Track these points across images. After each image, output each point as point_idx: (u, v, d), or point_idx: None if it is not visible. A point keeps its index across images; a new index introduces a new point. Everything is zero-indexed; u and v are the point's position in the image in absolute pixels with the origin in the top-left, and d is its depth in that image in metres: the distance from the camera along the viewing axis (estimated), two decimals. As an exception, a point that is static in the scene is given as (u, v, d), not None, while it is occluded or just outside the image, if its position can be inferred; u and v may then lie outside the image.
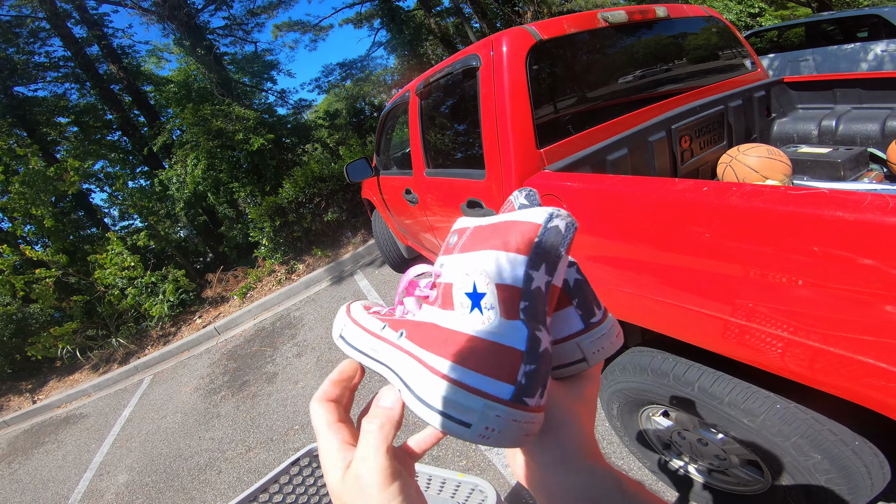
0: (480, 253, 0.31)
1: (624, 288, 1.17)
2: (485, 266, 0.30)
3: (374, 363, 0.38)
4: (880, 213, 0.69)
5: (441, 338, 0.31)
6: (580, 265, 0.39)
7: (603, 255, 1.19)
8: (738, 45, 2.33)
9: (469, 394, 0.28)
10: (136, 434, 3.80)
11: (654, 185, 1.02)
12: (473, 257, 0.31)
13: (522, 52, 1.57)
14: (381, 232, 4.07)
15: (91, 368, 5.88)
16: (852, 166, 1.93)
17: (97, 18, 9.24)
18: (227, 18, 11.38)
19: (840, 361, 0.79)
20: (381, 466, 0.30)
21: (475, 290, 0.30)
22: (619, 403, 1.51)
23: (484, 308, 0.30)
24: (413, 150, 2.38)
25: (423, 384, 0.30)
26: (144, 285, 6.14)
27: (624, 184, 1.10)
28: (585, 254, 1.24)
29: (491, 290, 0.29)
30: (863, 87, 2.12)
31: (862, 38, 5.14)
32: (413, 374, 0.32)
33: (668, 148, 1.78)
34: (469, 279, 0.31)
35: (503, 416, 0.28)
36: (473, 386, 0.28)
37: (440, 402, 0.29)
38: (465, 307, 0.31)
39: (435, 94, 2.18)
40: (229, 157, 6.68)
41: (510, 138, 1.49)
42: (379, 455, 0.30)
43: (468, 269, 0.31)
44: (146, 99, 9.85)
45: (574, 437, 0.34)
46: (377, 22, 14.29)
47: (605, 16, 1.82)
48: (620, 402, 1.50)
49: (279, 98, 12.31)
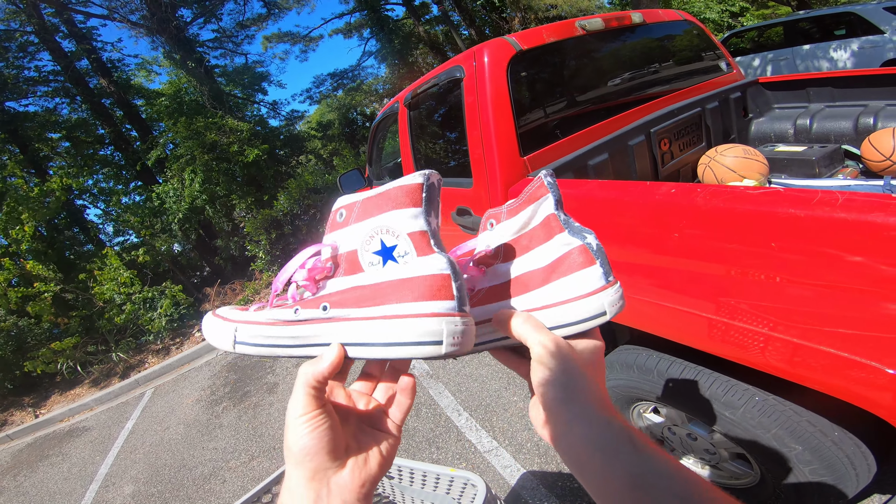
0: (379, 217, 0.37)
1: None
2: (389, 224, 0.36)
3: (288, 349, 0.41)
4: (829, 209, 0.74)
5: (371, 293, 0.37)
6: None
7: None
8: (712, 47, 2.41)
9: (427, 319, 0.34)
10: (140, 446, 3.82)
11: (628, 189, 1.07)
12: (373, 222, 0.37)
13: (503, 63, 1.63)
14: (375, 240, 4.10)
15: (92, 383, 5.89)
16: (827, 163, 2.00)
17: (86, 32, 9.25)
18: (216, 31, 11.44)
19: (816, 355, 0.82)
20: (299, 400, 0.35)
21: (384, 246, 0.37)
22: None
23: (398, 256, 0.36)
24: (403, 159, 2.43)
25: (379, 333, 0.35)
26: (142, 300, 6.16)
27: (601, 188, 1.16)
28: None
29: (403, 239, 0.36)
30: (834, 86, 2.20)
31: (840, 36, 5.25)
32: (363, 332, 0.36)
33: (647, 151, 1.85)
34: (375, 239, 0.37)
35: (459, 324, 0.34)
36: (427, 312, 0.34)
37: (406, 337, 0.34)
38: (377, 264, 0.37)
39: (422, 104, 2.24)
40: (225, 169, 6.72)
41: (494, 147, 1.55)
42: (299, 391, 0.36)
43: (372, 232, 0.37)
44: (138, 113, 9.84)
45: (590, 394, 0.37)
46: (367, 32, 14.41)
47: (582, 24, 1.89)
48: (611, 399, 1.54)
49: (271, 109, 12.37)
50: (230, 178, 6.79)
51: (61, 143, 10.00)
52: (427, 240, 0.36)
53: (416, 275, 0.35)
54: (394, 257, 0.36)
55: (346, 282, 0.38)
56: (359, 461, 0.37)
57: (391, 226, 0.36)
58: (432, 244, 0.36)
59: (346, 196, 0.41)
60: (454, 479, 1.02)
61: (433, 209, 0.37)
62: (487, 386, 2.64)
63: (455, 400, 2.64)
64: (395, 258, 0.36)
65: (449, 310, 0.34)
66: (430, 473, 1.04)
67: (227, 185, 6.70)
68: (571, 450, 0.36)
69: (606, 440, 0.34)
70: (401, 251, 0.36)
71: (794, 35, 5.85)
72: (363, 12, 13.82)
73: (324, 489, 0.35)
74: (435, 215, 0.38)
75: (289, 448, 0.35)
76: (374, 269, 0.37)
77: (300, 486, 0.35)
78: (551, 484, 1.92)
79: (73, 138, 9.83)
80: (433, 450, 2.34)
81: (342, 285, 0.39)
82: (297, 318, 0.40)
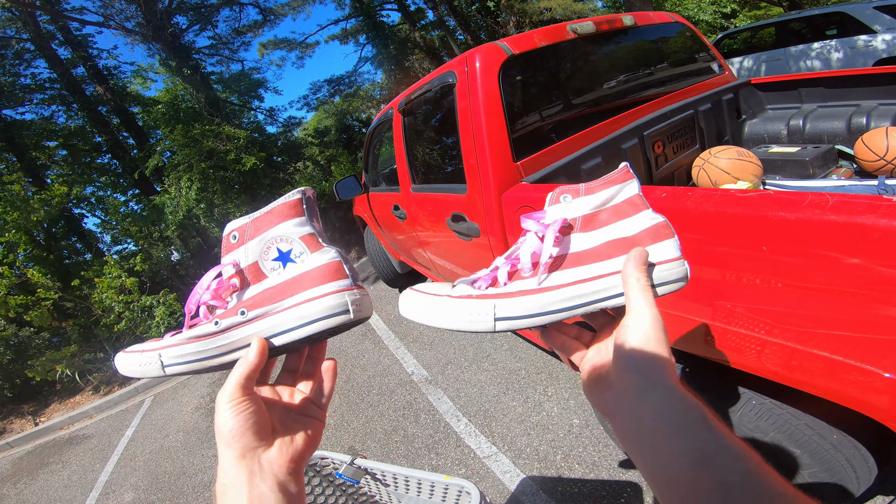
0: (272, 230, 0.45)
1: None
2: (281, 234, 0.44)
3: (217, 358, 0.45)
4: (820, 212, 0.74)
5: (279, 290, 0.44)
6: None
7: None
8: (704, 48, 2.42)
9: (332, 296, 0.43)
10: (140, 453, 3.83)
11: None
12: (267, 235, 0.45)
13: (495, 68, 1.63)
14: (373, 248, 4.11)
15: (92, 390, 5.90)
16: (821, 164, 2.01)
17: (81, 39, 9.25)
18: (212, 38, 11.46)
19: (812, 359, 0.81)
20: (227, 390, 0.41)
21: (281, 252, 0.45)
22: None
23: (295, 257, 0.45)
24: (399, 166, 2.44)
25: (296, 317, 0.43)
26: (140, 309, 6.15)
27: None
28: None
29: (296, 243, 0.44)
30: (825, 86, 2.21)
31: (831, 36, 5.29)
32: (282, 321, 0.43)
33: (641, 154, 1.85)
34: (272, 248, 0.45)
35: (357, 294, 0.44)
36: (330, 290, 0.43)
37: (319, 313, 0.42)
38: (278, 268, 0.45)
39: (416, 110, 2.24)
40: (222, 177, 6.71)
41: (487, 152, 1.55)
42: (229, 383, 0.41)
43: (267, 243, 0.45)
44: (134, 120, 9.83)
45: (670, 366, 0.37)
46: (363, 37, 14.46)
47: (573, 27, 1.89)
48: None
49: (268, 116, 12.38)
50: (227, 187, 6.78)
51: (59, 151, 9.99)
52: (315, 239, 0.45)
53: (315, 266, 0.44)
54: (292, 259, 0.44)
55: (256, 288, 0.45)
56: (286, 441, 0.42)
57: (284, 234, 0.44)
58: (320, 241, 0.45)
59: (234, 221, 0.48)
60: (449, 486, 1.01)
61: (314, 216, 0.47)
62: (486, 391, 2.63)
63: (454, 405, 2.63)
64: (293, 259, 0.44)
65: (347, 285, 0.44)
66: (424, 481, 1.04)
67: (223, 194, 6.69)
68: (637, 421, 0.35)
69: (679, 414, 0.34)
70: (296, 252, 0.44)
71: (786, 36, 5.89)
72: (358, 18, 13.88)
73: (255, 465, 0.39)
74: (317, 220, 0.47)
75: (219, 430, 0.40)
76: (277, 272, 0.44)
77: (232, 465, 0.39)
78: (551, 489, 1.91)
79: (71, 146, 9.82)
80: (432, 456, 2.33)
81: (253, 292, 0.45)
82: (218, 329, 0.45)
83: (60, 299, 6.30)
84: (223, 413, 0.40)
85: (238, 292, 0.45)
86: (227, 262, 0.45)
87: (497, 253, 1.64)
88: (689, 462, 0.31)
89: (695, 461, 0.31)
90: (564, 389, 2.39)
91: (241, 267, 0.45)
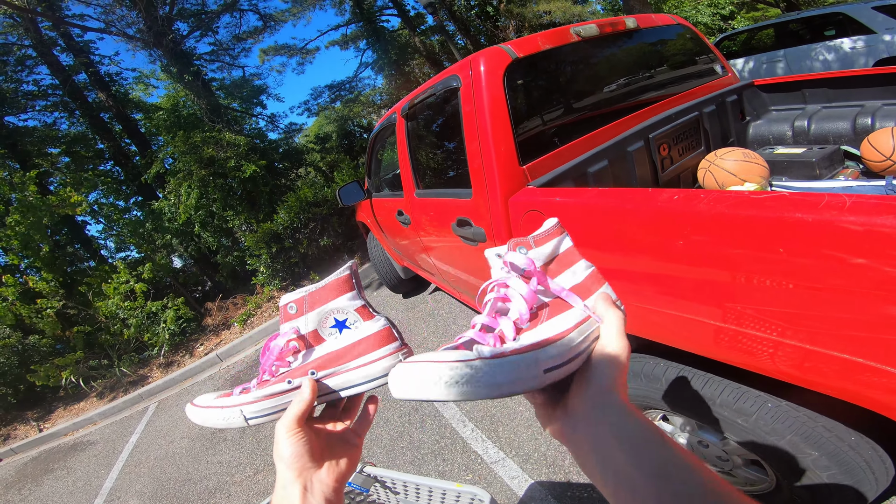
0: (328, 304, 0.54)
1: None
2: (337, 307, 0.54)
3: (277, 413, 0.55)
4: (837, 213, 0.73)
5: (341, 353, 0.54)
6: None
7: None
8: (707, 50, 2.42)
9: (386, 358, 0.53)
10: (145, 460, 3.82)
11: (629, 196, 1.07)
12: (325, 308, 0.54)
13: (500, 71, 1.63)
14: (377, 254, 4.10)
15: (96, 397, 5.91)
16: (827, 165, 2.00)
17: (83, 46, 9.28)
18: (213, 44, 11.50)
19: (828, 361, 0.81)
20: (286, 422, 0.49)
21: (338, 321, 0.54)
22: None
23: (351, 324, 0.54)
24: (402, 171, 2.43)
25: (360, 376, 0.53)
26: (145, 315, 6.15)
27: (601, 196, 1.15)
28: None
29: (350, 315, 0.54)
30: (829, 87, 2.20)
31: (829, 36, 5.29)
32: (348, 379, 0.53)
33: (647, 157, 1.84)
34: (329, 318, 0.54)
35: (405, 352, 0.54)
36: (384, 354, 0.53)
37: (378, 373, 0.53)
38: (335, 333, 0.54)
39: (420, 115, 2.24)
40: (222, 185, 6.72)
41: (493, 156, 1.54)
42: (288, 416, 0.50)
43: (325, 315, 0.54)
44: (136, 127, 9.87)
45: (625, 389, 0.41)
46: (363, 43, 14.51)
47: (577, 30, 1.89)
48: None
49: (269, 123, 12.42)
50: (227, 194, 6.78)
51: (61, 158, 10.03)
52: (367, 310, 0.55)
53: (370, 333, 0.54)
54: (347, 326, 0.54)
55: (317, 352, 0.54)
56: (332, 463, 0.51)
57: (340, 307, 0.53)
58: (371, 311, 0.55)
59: (290, 294, 0.55)
60: (461, 494, 1.00)
61: (360, 288, 0.56)
62: (492, 396, 2.61)
63: (459, 411, 2.61)
64: (349, 326, 0.54)
65: (397, 347, 0.54)
66: (435, 489, 1.03)
67: (222, 202, 6.69)
68: (598, 442, 0.37)
69: (638, 432, 0.36)
70: (351, 321, 0.54)
71: (785, 37, 5.89)
72: (359, 24, 13.94)
73: (308, 483, 0.48)
74: (362, 291, 0.56)
75: (280, 455, 0.48)
76: (334, 337, 0.54)
77: (290, 483, 0.47)
78: (560, 494, 1.89)
79: (73, 153, 9.86)
80: (439, 461, 2.31)
81: (315, 355, 0.54)
82: (291, 387, 0.54)
83: (64, 307, 6.30)
84: (283, 441, 0.48)
85: (301, 353, 0.54)
86: (288, 330, 0.54)
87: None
88: (651, 476, 0.33)
89: (656, 475, 0.33)
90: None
91: (301, 333, 0.54)
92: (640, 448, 0.34)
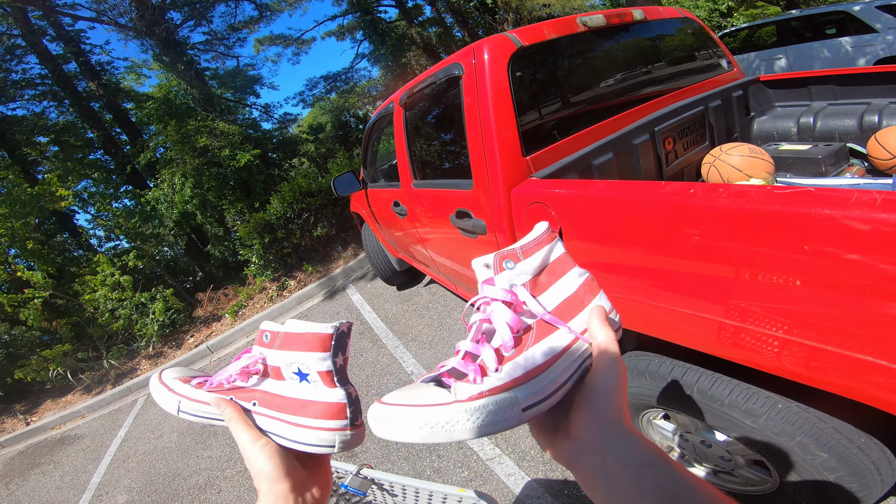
0: (296, 353, 0.49)
1: (617, 293, 1.16)
2: (303, 360, 0.48)
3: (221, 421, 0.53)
4: (869, 210, 0.69)
5: (288, 402, 0.50)
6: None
7: (595, 261, 1.19)
8: (713, 45, 2.37)
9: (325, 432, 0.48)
10: (133, 454, 3.76)
11: (641, 189, 1.02)
12: (292, 354, 0.49)
13: (504, 60, 1.57)
14: (371, 245, 4.04)
15: (84, 390, 5.83)
16: (833, 162, 1.97)
17: (74, 35, 9.11)
18: (207, 34, 11.32)
19: (837, 359, 0.79)
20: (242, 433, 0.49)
21: (300, 371, 0.49)
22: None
23: (311, 380, 0.49)
24: (399, 161, 2.37)
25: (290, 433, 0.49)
26: (134, 306, 6.05)
27: (611, 188, 1.10)
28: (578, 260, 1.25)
29: (313, 373, 0.49)
30: (836, 84, 2.16)
31: (830, 35, 5.27)
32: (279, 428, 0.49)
33: (652, 150, 1.80)
34: (294, 365, 0.49)
35: (349, 435, 0.49)
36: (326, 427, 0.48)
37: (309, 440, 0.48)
38: (295, 379, 0.50)
39: (419, 104, 2.18)
40: (216, 174, 6.60)
41: (496, 147, 1.49)
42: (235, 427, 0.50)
43: (290, 360, 0.49)
44: (127, 116, 9.71)
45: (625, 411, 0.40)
46: (360, 34, 14.33)
47: (583, 20, 1.83)
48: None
49: (264, 113, 12.26)
50: (221, 183, 6.67)
51: (50, 147, 9.85)
52: (331, 377, 0.49)
53: (321, 400, 0.49)
54: (308, 380, 0.49)
55: (272, 385, 0.51)
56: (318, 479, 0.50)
57: (304, 362, 0.48)
58: (335, 381, 0.49)
59: (269, 322, 0.53)
60: (463, 499, 0.95)
61: (341, 350, 0.50)
62: (488, 392, 2.58)
63: (455, 407, 2.57)
64: (309, 381, 0.49)
65: (342, 426, 0.49)
66: (436, 493, 0.98)
67: (217, 191, 6.58)
68: (603, 466, 0.36)
69: (642, 456, 0.36)
70: (312, 378, 0.49)
71: (786, 34, 5.86)
72: (356, 14, 13.75)
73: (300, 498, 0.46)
74: (342, 354, 0.50)
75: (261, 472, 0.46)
76: (293, 382, 0.50)
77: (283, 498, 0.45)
78: (557, 492, 1.87)
79: (62, 142, 9.67)
80: (434, 458, 2.27)
81: (268, 388, 0.52)
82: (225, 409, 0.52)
83: (51, 297, 6.19)
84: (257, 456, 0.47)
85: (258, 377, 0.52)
86: (257, 355, 0.53)
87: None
88: (656, 499, 0.33)
89: (662, 498, 0.33)
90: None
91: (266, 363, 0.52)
92: (647, 474, 0.35)
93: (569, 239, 1.24)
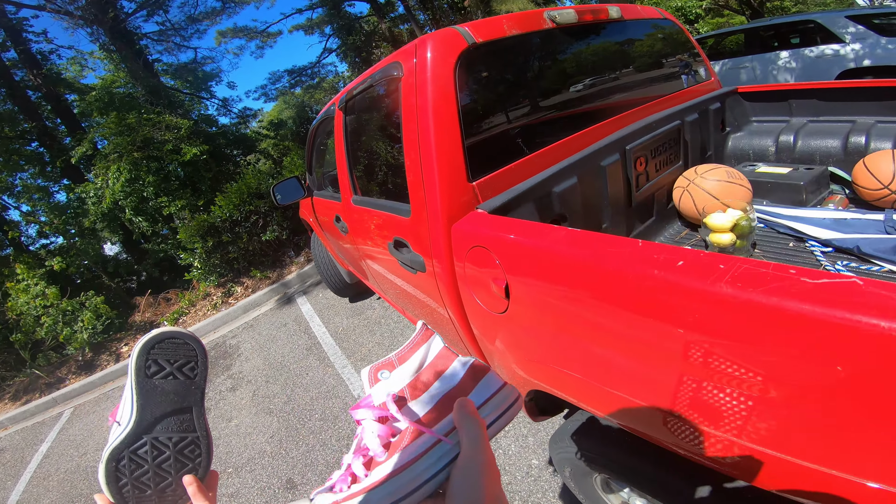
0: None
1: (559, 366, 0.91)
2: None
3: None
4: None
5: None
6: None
7: (546, 331, 0.93)
8: (692, 51, 2.16)
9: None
10: (55, 472, 3.47)
11: (613, 249, 0.75)
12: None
13: (451, 59, 1.28)
14: (320, 255, 3.70)
15: (10, 399, 5.34)
16: (814, 189, 1.79)
17: (16, 24, 8.35)
18: (161, 24, 10.60)
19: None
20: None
21: None
22: (569, 469, 1.30)
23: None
24: (339, 172, 2.06)
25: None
26: (60, 314, 5.48)
27: (572, 243, 0.83)
28: (526, 327, 0.98)
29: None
30: (819, 98, 1.98)
31: (795, 45, 5.23)
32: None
33: (622, 172, 1.55)
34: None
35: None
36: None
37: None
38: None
39: (358, 109, 1.88)
40: (156, 168, 6.05)
41: (435, 168, 1.20)
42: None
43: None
44: (69, 108, 8.99)
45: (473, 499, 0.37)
46: (328, 28, 13.81)
47: (552, 15, 1.55)
48: (571, 468, 1.28)
49: (222, 107, 11.60)
50: (162, 179, 6.12)
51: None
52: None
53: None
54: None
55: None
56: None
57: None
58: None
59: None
60: None
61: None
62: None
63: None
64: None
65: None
66: None
67: (157, 187, 6.03)
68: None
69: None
70: None
71: (754, 43, 5.81)
72: (325, 8, 13.20)
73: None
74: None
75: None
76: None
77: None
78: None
79: (-5, 132, 8.83)
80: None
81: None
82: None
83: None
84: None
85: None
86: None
87: (447, 297, 1.29)
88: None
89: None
90: (523, 426, 2.12)
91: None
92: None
93: (515, 301, 0.96)
